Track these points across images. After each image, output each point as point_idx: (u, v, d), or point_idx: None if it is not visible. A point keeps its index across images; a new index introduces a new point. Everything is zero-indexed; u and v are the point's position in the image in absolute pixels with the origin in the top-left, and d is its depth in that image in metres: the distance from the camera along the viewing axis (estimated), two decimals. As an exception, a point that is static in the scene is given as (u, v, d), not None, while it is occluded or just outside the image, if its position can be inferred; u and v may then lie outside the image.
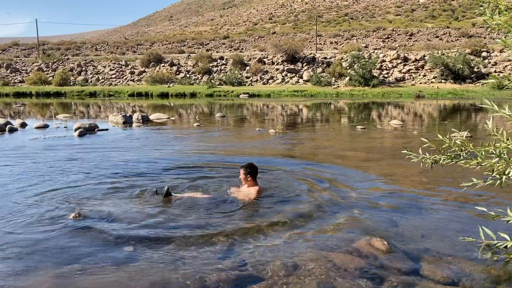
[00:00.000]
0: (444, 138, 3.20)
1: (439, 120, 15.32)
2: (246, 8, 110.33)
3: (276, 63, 39.69)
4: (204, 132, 11.93)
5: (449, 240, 3.80)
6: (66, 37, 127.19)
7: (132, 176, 6.25)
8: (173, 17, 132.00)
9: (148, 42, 71.01)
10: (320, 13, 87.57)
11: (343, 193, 5.34)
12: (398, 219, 4.38)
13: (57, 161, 7.46)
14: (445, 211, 4.67)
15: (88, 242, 3.77)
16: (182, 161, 7.45)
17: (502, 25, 3.08)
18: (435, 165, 3.45)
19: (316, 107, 21.86)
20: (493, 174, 3.11)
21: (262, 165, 6.92)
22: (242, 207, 4.80)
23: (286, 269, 3.23)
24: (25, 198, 5.09)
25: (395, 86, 32.86)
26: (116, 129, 12.85)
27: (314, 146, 9.29)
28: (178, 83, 37.36)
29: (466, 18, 72.74)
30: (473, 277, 3.13)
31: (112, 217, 4.40)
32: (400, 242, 3.75)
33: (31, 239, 3.82)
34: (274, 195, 5.20)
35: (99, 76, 42.47)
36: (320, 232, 4.01)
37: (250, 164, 5.12)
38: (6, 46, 70.65)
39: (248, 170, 5.03)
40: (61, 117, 16.35)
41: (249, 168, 5.05)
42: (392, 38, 61.53)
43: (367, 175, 6.35)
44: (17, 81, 42.63)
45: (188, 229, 4.07)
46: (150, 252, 3.54)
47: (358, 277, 3.10)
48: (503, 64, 34.08)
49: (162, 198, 4.97)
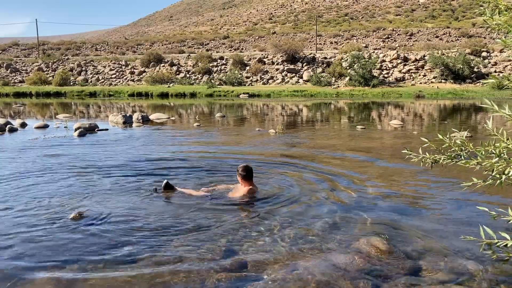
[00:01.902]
0: (444, 138, 3.20)
1: (439, 120, 15.32)
2: (246, 8, 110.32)
3: (276, 63, 39.68)
4: (204, 132, 11.93)
5: (449, 240, 3.80)
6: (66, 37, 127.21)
7: (132, 175, 6.26)
8: (173, 17, 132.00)
9: (148, 42, 71.01)
10: (320, 13, 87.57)
11: (343, 193, 5.34)
12: (398, 219, 4.38)
13: (57, 161, 7.46)
14: (445, 211, 4.67)
15: (88, 242, 3.77)
16: (182, 160, 7.45)
17: (502, 25, 3.08)
18: (435, 165, 3.46)
19: (316, 107, 21.86)
20: (493, 173, 3.11)
21: (262, 165, 6.93)
22: (241, 207, 4.80)
23: (286, 269, 3.23)
24: (25, 198, 5.08)
25: (395, 86, 32.86)
26: (116, 129, 12.85)
27: (314, 146, 9.29)
28: (178, 83, 37.36)
29: (466, 18, 72.73)
30: (473, 276, 3.13)
31: (112, 217, 4.40)
32: (400, 242, 3.75)
33: (31, 239, 3.82)
34: (273, 195, 5.20)
35: (99, 76, 42.47)
36: (319, 232, 4.00)
37: (244, 167, 5.09)
38: (6, 46, 70.66)
39: (243, 173, 5.02)
40: (61, 117, 16.35)
41: (244, 171, 5.04)
42: (392, 38, 61.53)
43: (367, 175, 6.35)
44: (17, 81, 42.64)
45: (188, 228, 4.07)
46: (150, 252, 3.54)
47: (358, 277, 3.10)
48: (503, 64, 34.07)
49: (162, 190, 5.13)
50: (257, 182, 5.78)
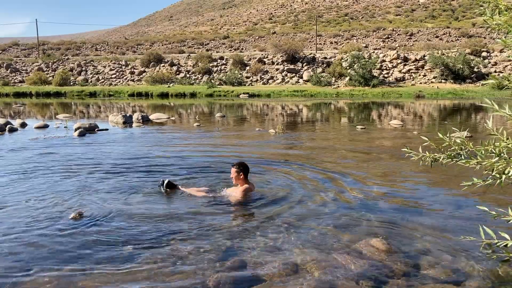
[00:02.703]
0: (444, 137, 3.20)
1: (439, 120, 15.32)
2: (246, 8, 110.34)
3: (276, 63, 39.69)
4: (204, 132, 11.93)
5: (449, 240, 3.80)
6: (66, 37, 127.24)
7: (132, 175, 6.25)
8: (173, 17, 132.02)
9: (148, 42, 71.02)
10: (320, 13, 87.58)
11: (343, 193, 5.34)
12: (398, 219, 4.38)
13: (57, 161, 7.46)
14: (445, 211, 4.67)
15: (88, 242, 3.77)
16: (181, 160, 7.45)
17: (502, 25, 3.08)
18: (435, 165, 3.46)
19: (316, 107, 21.86)
20: (493, 173, 3.12)
21: (262, 165, 6.93)
22: (240, 207, 4.80)
23: (286, 269, 3.23)
24: (25, 198, 5.08)
25: (395, 86, 32.86)
26: (116, 129, 12.85)
27: (314, 146, 9.29)
28: (178, 83, 37.36)
29: (466, 18, 72.75)
30: (473, 276, 3.13)
31: (112, 216, 4.40)
32: (400, 242, 3.75)
33: (31, 239, 3.82)
34: (273, 195, 5.20)
35: (99, 76, 42.47)
36: (319, 232, 4.00)
37: (241, 163, 5.14)
38: (6, 46, 70.67)
39: (240, 168, 5.04)
40: (61, 117, 16.35)
41: (241, 166, 5.06)
42: (392, 38, 61.54)
43: (367, 175, 6.35)
44: (17, 81, 42.64)
45: (188, 228, 4.07)
46: (150, 252, 3.54)
47: (358, 278, 3.10)
48: (503, 64, 34.08)
49: (164, 189, 5.18)
50: (257, 181, 5.79)
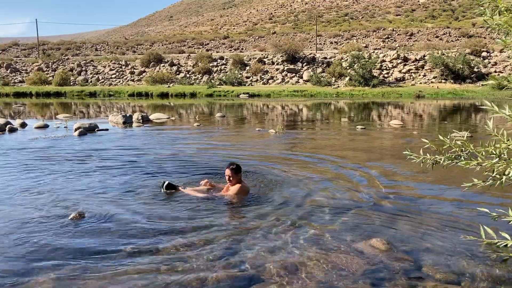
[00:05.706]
0: (445, 138, 3.20)
1: (439, 120, 15.32)
2: (246, 8, 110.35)
3: (276, 63, 39.68)
4: (204, 132, 11.93)
5: (449, 240, 3.80)
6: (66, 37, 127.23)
7: (132, 176, 6.25)
8: (173, 17, 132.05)
9: (148, 42, 71.03)
10: (320, 13, 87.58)
11: (343, 193, 5.34)
12: (398, 219, 4.38)
13: (57, 161, 7.46)
14: (445, 211, 4.67)
15: (88, 242, 3.77)
16: (181, 160, 7.46)
17: (502, 25, 3.08)
18: (435, 165, 3.46)
19: (316, 107, 21.86)
20: (493, 174, 3.12)
21: (262, 164, 6.93)
22: (239, 207, 4.80)
23: (286, 269, 3.23)
24: (25, 198, 5.09)
25: (395, 86, 32.85)
26: (116, 129, 12.85)
27: (314, 146, 9.29)
28: (178, 83, 37.35)
29: (466, 18, 72.77)
30: (473, 276, 3.13)
31: (112, 216, 4.40)
32: (400, 242, 3.75)
33: (31, 239, 3.81)
34: (273, 195, 5.20)
35: (99, 76, 42.46)
36: (319, 232, 4.00)
37: (235, 163, 5.17)
38: (6, 46, 70.68)
39: (235, 168, 5.06)
40: (61, 117, 16.34)
41: (236, 166, 5.08)
42: (392, 38, 61.54)
43: (367, 175, 6.35)
44: (17, 81, 42.60)
45: (188, 228, 4.07)
46: (150, 252, 3.54)
47: (358, 278, 3.10)
48: (503, 64, 34.06)
49: (164, 190, 5.19)
50: (257, 181, 5.79)
